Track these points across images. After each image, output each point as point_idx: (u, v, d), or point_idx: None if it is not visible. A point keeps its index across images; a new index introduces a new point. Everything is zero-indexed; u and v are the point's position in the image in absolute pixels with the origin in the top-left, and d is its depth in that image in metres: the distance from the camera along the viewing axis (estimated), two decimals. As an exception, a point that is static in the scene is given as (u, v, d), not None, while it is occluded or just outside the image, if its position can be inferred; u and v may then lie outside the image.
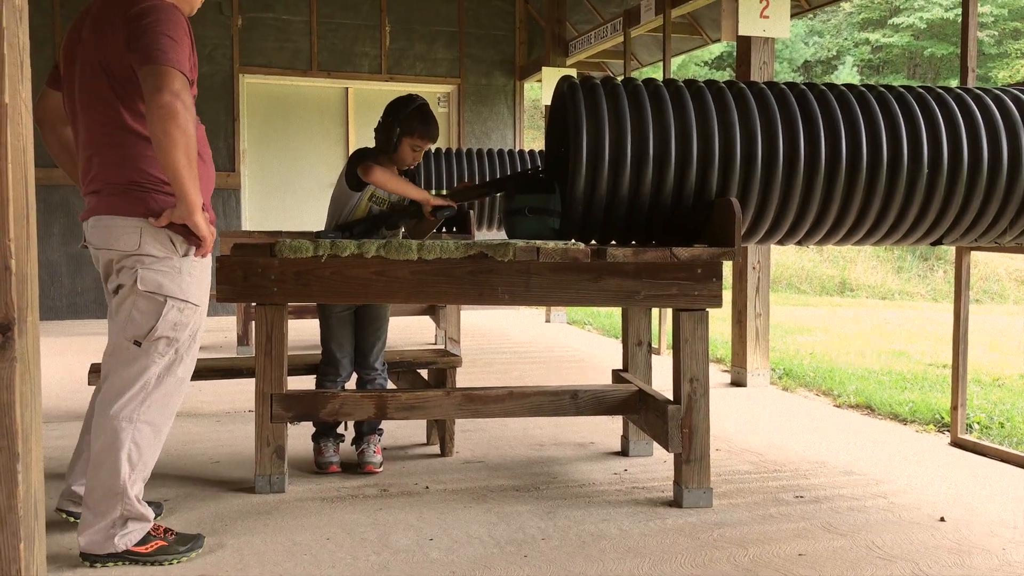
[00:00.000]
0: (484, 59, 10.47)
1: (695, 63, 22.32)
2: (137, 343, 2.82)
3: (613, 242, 3.70)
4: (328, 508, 3.40)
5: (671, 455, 3.82)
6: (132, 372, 2.84)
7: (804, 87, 3.65)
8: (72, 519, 3.10)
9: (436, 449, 4.27)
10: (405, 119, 3.80)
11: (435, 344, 7.45)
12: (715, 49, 21.48)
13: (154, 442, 2.88)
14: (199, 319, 2.93)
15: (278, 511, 3.35)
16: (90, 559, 2.82)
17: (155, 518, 3.07)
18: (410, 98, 3.86)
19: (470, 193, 4.07)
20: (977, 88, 3.83)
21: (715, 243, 3.40)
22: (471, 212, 6.51)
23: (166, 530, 2.94)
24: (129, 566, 2.84)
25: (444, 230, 6.74)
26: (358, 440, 3.95)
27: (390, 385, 4.20)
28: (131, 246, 2.80)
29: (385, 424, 4.27)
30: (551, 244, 3.32)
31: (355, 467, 3.90)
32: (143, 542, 2.85)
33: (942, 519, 3.34)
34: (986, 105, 3.68)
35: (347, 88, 10.12)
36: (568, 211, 3.49)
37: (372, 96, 10.09)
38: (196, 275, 2.89)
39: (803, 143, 3.48)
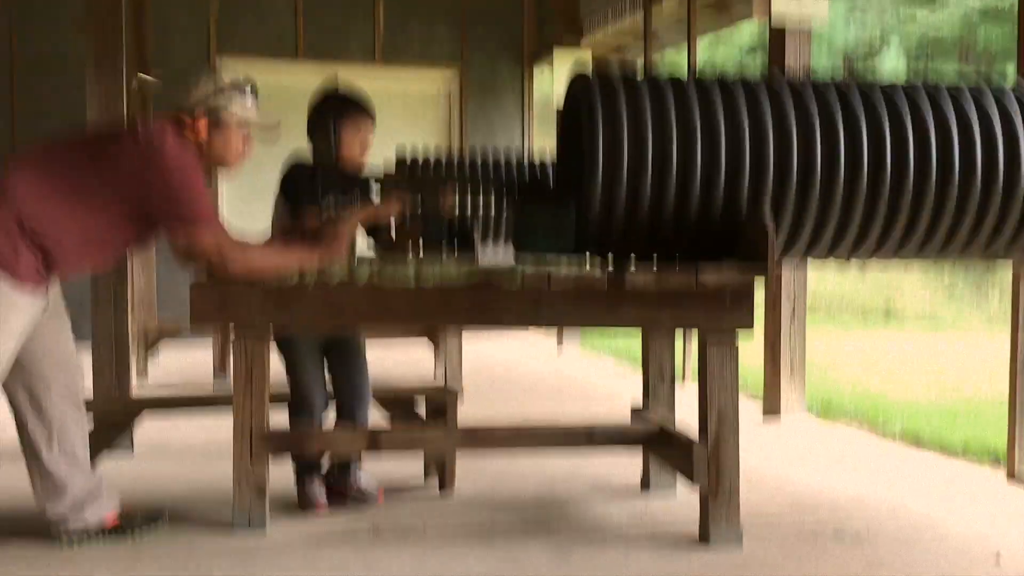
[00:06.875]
0: (489, 39, 10.42)
1: (724, 44, 22.23)
2: None
3: (632, 255, 3.70)
4: (314, 549, 3.42)
5: (696, 491, 3.82)
6: None
7: (846, 85, 3.62)
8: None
9: (435, 485, 4.26)
10: (333, 109, 3.91)
11: (433, 376, 7.38)
12: (748, 29, 21.40)
13: None
14: None
15: (258, 552, 3.36)
16: None
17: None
18: (326, 89, 4.01)
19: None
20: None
21: (746, 259, 3.41)
22: (475, 224, 6.44)
23: None
24: None
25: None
26: (344, 473, 3.93)
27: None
28: None
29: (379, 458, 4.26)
30: (564, 270, 3.33)
31: (340, 504, 3.90)
32: None
33: (998, 562, 3.34)
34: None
35: (337, 76, 10.12)
36: (583, 224, 3.49)
37: (364, 86, 10.06)
38: None
39: (843, 147, 3.46)
